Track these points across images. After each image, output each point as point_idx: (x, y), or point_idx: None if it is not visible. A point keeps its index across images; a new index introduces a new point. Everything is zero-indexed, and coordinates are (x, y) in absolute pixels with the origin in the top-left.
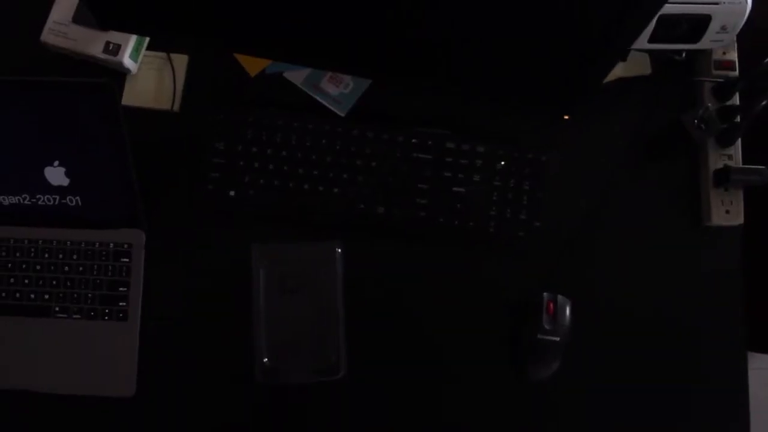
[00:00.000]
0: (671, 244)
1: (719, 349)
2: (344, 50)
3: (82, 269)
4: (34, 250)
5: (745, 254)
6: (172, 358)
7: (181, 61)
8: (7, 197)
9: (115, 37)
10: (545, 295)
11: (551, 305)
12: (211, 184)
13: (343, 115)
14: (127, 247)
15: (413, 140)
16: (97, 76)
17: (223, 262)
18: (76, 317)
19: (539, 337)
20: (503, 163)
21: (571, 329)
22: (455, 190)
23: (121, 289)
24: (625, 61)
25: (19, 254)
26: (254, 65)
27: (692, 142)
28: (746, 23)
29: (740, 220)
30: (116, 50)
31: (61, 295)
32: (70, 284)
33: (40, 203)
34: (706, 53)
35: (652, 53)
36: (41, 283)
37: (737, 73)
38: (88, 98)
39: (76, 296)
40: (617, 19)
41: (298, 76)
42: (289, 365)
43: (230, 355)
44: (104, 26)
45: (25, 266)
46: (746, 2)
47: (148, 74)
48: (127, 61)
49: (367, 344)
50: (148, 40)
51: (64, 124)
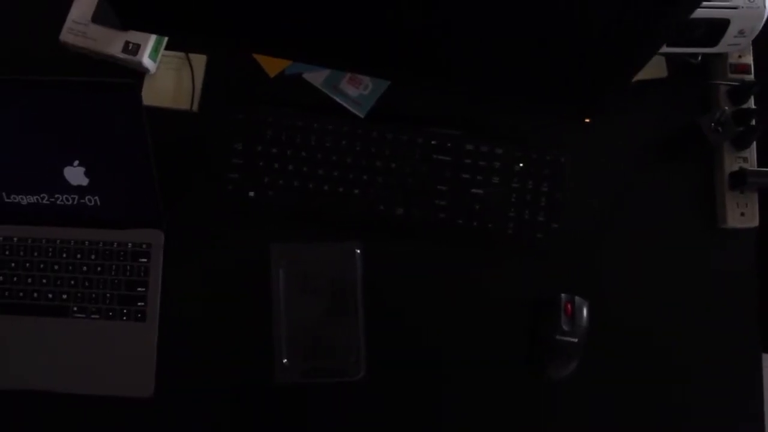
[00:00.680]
0: (686, 245)
1: (733, 350)
2: (364, 51)
3: (100, 269)
4: (51, 249)
5: (759, 256)
6: (190, 358)
7: (199, 61)
8: (25, 197)
9: (134, 36)
10: (563, 296)
11: (569, 306)
12: (230, 184)
13: (362, 116)
14: (145, 247)
15: (432, 142)
16: (115, 76)
17: (241, 262)
18: (94, 317)
19: (557, 337)
20: (522, 165)
21: (588, 330)
22: (474, 191)
23: (139, 289)
24: None
25: (36, 254)
26: (274, 66)
27: (707, 144)
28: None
29: (755, 222)
30: (135, 50)
31: (79, 295)
32: (88, 284)
33: (58, 203)
34: (721, 56)
35: (668, 56)
36: (59, 283)
37: (753, 76)
38: (110, 98)
39: (94, 296)
40: (648, 23)
41: (317, 77)
42: (308, 366)
43: (249, 355)
44: (125, 26)
45: (42, 266)
46: (765, 6)
47: (166, 74)
48: (146, 60)
49: (385, 345)
50: (166, 40)
51: (85, 124)
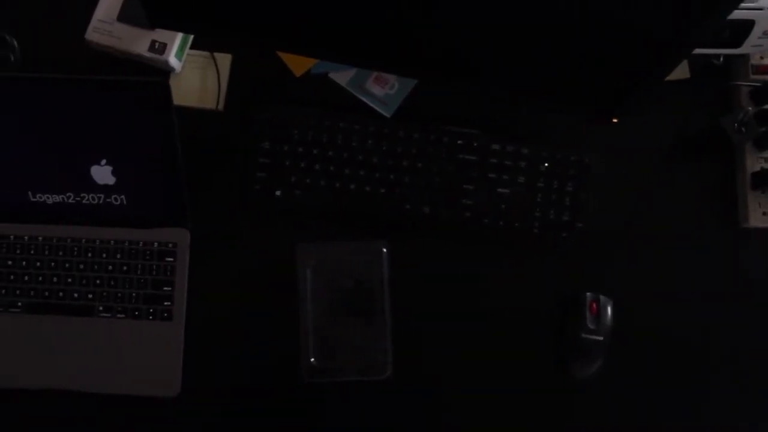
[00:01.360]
0: (709, 245)
1: (756, 350)
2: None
3: (126, 268)
4: (77, 249)
5: None
6: (216, 357)
7: (224, 60)
8: (51, 196)
9: (160, 35)
10: (588, 295)
11: (594, 305)
12: (257, 183)
13: (388, 116)
14: (171, 246)
15: (459, 141)
16: (139, 74)
17: (268, 261)
18: (120, 317)
19: (583, 336)
20: (547, 164)
21: (612, 329)
22: (500, 191)
23: (165, 288)
24: None
25: (61, 253)
26: (300, 65)
27: (730, 144)
28: None
29: None
30: (162, 49)
31: (104, 294)
32: (113, 283)
33: (84, 202)
34: (744, 57)
35: (690, 57)
36: (84, 282)
37: None
38: (141, 96)
39: (120, 296)
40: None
41: (343, 76)
42: (335, 364)
43: (275, 354)
44: (154, 24)
45: (68, 265)
46: None
47: (192, 73)
48: (172, 60)
49: (412, 344)
50: (191, 39)
51: (114, 122)
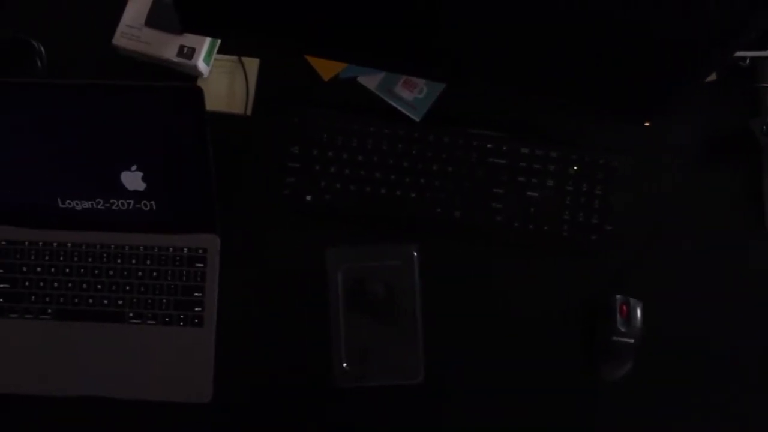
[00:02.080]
0: (737, 248)
1: None
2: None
3: (155, 274)
4: (106, 255)
5: None
6: (248, 363)
7: (252, 64)
8: (80, 202)
9: (188, 40)
10: (618, 297)
11: (624, 307)
12: (287, 188)
13: (418, 120)
14: (201, 252)
15: (488, 145)
16: (164, 79)
17: (298, 266)
18: (150, 323)
19: (614, 339)
20: (576, 168)
21: (642, 331)
22: (529, 194)
23: (196, 294)
24: None
25: (91, 259)
26: (328, 69)
27: (757, 147)
28: None
29: None
30: (191, 53)
31: (134, 300)
32: (143, 290)
33: (113, 208)
34: None
35: None
36: (114, 288)
37: None
38: (174, 103)
39: (150, 302)
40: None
41: (372, 80)
42: (366, 369)
43: (306, 359)
44: (187, 29)
45: (97, 272)
46: None
47: (219, 78)
48: (201, 64)
49: (443, 347)
50: (219, 43)
51: (145, 128)
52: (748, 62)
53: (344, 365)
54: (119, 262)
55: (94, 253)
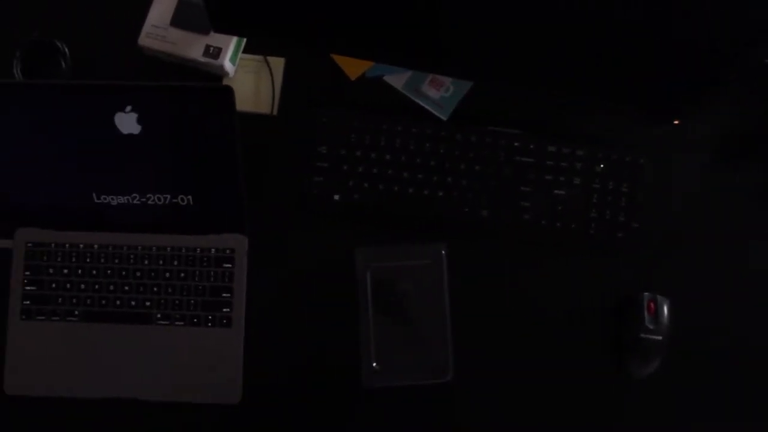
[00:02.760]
0: (763, 245)
1: None
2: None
3: (183, 275)
4: (133, 256)
5: None
6: (276, 363)
7: (277, 64)
8: (115, 197)
9: (215, 40)
10: (645, 294)
11: (652, 305)
12: (315, 188)
13: (445, 118)
14: (229, 252)
15: (515, 144)
16: (189, 79)
17: (326, 266)
18: (178, 324)
19: (642, 336)
20: (602, 166)
21: (670, 329)
22: (556, 192)
23: (224, 295)
24: None
25: (118, 261)
26: (355, 68)
27: None
28: None
29: None
30: (217, 53)
31: (162, 301)
32: (171, 291)
33: (149, 203)
34: None
35: None
36: (141, 290)
37: None
38: (205, 102)
39: (177, 303)
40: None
41: (398, 79)
42: (396, 369)
43: (335, 359)
44: (218, 29)
45: (124, 273)
46: None
47: (245, 78)
48: (227, 64)
49: (473, 345)
50: (244, 43)
51: (177, 128)
52: None
53: (374, 365)
54: (146, 263)
55: (121, 254)
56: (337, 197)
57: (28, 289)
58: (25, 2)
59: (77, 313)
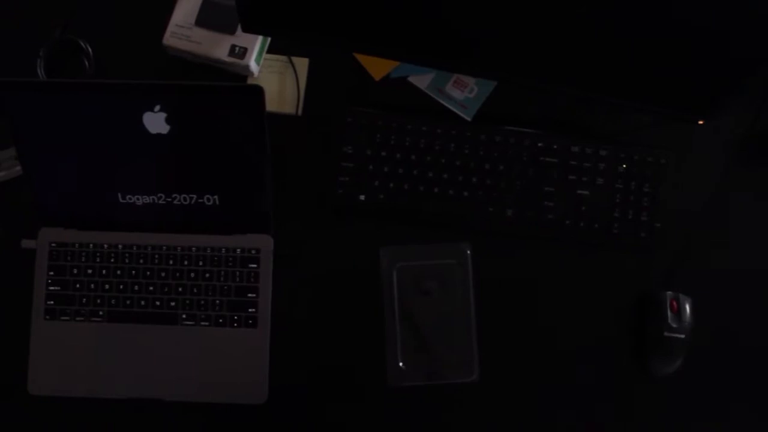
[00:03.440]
0: None
1: None
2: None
3: (208, 276)
4: (158, 256)
5: None
6: (302, 363)
7: (302, 64)
8: (141, 197)
9: (240, 40)
10: (668, 293)
11: (674, 303)
12: (340, 188)
13: (469, 119)
14: (255, 252)
15: (539, 144)
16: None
17: (351, 265)
18: (203, 324)
19: (665, 334)
20: (624, 166)
21: (692, 327)
22: (579, 192)
23: (249, 295)
24: None
25: (142, 261)
26: (379, 69)
27: None
28: None
29: None
30: (242, 53)
31: (187, 302)
32: (196, 291)
33: (175, 203)
34: None
35: None
36: (166, 290)
37: None
38: (235, 102)
39: (203, 303)
40: None
41: (423, 80)
42: (422, 368)
43: (360, 359)
44: (247, 29)
45: (149, 273)
46: None
47: (269, 78)
48: (252, 64)
49: (497, 344)
50: (268, 43)
51: (207, 126)
52: None
53: (400, 364)
54: (171, 263)
55: (145, 254)
56: (362, 197)
57: (51, 289)
58: (48, 2)
59: (102, 313)
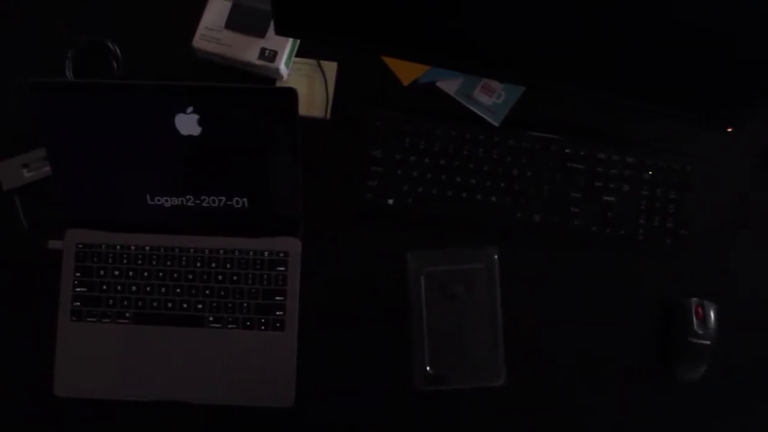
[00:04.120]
0: None
1: None
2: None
3: (236, 278)
4: (185, 259)
5: None
6: (329, 367)
7: (330, 68)
8: (169, 199)
9: (270, 43)
10: (693, 300)
11: (700, 310)
12: (369, 192)
13: (497, 124)
14: (282, 255)
15: (566, 150)
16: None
17: (378, 269)
18: (231, 327)
19: (691, 340)
20: (650, 173)
21: (718, 333)
22: (606, 199)
23: (277, 298)
24: None
25: (169, 263)
26: (408, 74)
27: None
28: None
29: None
30: (272, 56)
31: (214, 304)
32: (223, 294)
33: (203, 205)
34: None
35: None
36: (193, 292)
37: None
38: (268, 104)
39: (230, 306)
40: None
41: (451, 85)
42: (449, 372)
43: (388, 363)
44: (281, 32)
45: (176, 275)
46: None
47: (298, 81)
48: (282, 67)
49: (524, 349)
50: (297, 46)
51: (240, 128)
52: None
53: (427, 368)
54: (198, 265)
55: (172, 256)
56: (390, 201)
57: (78, 290)
58: (77, 3)
59: (128, 315)
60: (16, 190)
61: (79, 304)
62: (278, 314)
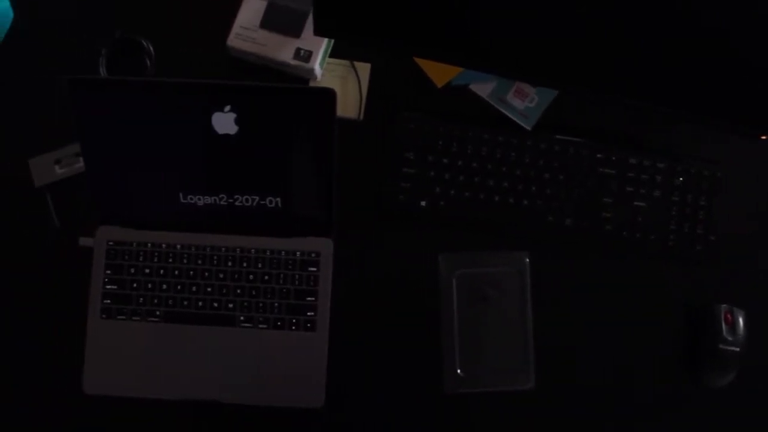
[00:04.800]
0: None
1: None
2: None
3: (267, 278)
4: (217, 258)
5: None
6: (359, 368)
7: (364, 69)
8: (202, 197)
9: (305, 43)
10: (723, 306)
11: (729, 316)
12: (402, 193)
13: (529, 128)
14: (314, 256)
15: (598, 155)
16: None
17: (410, 271)
18: (261, 327)
19: (720, 346)
20: (681, 179)
21: (746, 340)
22: (636, 204)
23: (308, 298)
24: None
25: (200, 262)
26: (441, 76)
27: None
28: None
29: None
30: (307, 56)
31: (245, 304)
32: (255, 293)
33: (236, 204)
34: None
35: None
36: (224, 291)
37: None
38: (307, 105)
39: (261, 306)
40: None
41: (484, 88)
42: (479, 375)
43: (417, 364)
44: (319, 33)
45: (207, 274)
46: None
47: (331, 82)
48: (317, 68)
49: (554, 353)
50: (331, 46)
51: (277, 128)
52: None
53: (457, 371)
54: (230, 264)
55: (204, 255)
56: (423, 203)
57: (108, 288)
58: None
59: (158, 313)
60: (47, 186)
61: (109, 302)
62: (309, 315)
